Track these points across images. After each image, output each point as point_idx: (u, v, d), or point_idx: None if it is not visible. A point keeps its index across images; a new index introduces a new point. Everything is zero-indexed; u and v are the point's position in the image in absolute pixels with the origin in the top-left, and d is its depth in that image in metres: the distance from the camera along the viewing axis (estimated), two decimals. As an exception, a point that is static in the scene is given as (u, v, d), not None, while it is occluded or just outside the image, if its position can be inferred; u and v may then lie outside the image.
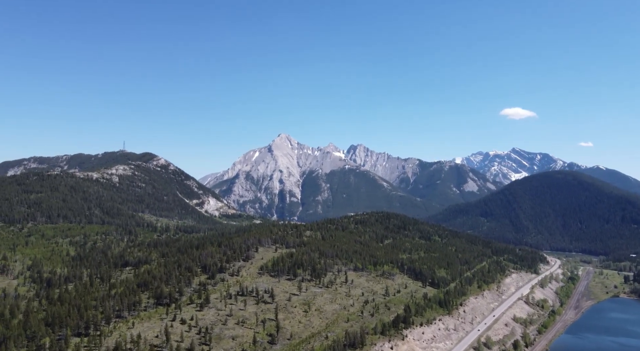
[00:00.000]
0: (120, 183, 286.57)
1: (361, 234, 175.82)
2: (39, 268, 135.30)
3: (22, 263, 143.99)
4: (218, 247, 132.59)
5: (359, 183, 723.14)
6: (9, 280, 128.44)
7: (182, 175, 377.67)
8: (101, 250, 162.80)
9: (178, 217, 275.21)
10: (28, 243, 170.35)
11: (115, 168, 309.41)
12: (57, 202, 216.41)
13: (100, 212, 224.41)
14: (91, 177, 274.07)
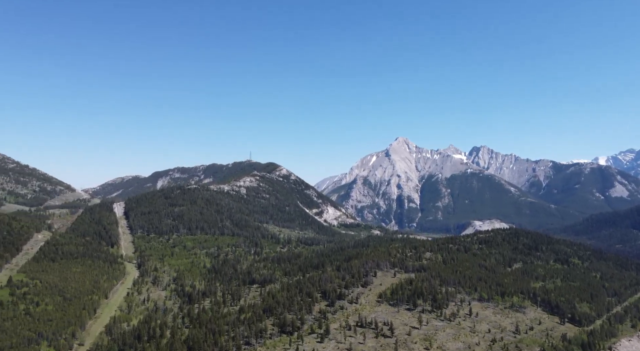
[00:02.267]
0: (247, 195, 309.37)
1: (486, 257, 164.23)
2: (182, 281, 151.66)
3: (169, 275, 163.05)
4: (337, 271, 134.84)
5: (483, 188, 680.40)
6: (159, 290, 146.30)
7: (302, 184, 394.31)
8: (231, 263, 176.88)
9: (299, 228, 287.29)
10: (173, 254, 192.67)
11: (243, 180, 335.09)
12: (195, 215, 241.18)
13: (231, 224, 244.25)
14: (223, 189, 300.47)
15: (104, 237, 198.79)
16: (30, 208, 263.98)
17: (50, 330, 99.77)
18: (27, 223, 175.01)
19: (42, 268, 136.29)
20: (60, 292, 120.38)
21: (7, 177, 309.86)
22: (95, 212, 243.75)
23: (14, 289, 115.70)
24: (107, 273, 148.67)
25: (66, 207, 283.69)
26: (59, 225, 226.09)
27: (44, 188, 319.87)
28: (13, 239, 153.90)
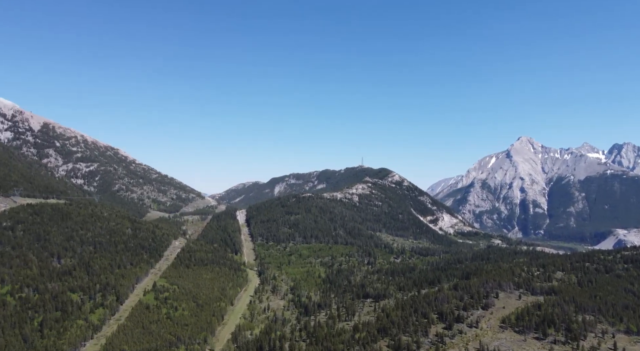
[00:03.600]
0: (360, 203, 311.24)
1: (633, 280, 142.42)
2: (298, 291, 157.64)
3: (287, 283, 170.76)
4: (454, 290, 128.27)
5: (628, 191, 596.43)
6: (278, 299, 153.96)
7: (415, 190, 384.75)
8: (345, 274, 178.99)
9: (413, 236, 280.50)
10: (290, 262, 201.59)
11: (355, 187, 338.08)
12: (310, 223, 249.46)
13: (344, 232, 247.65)
14: (336, 197, 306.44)
15: (229, 244, 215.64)
16: (169, 214, 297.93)
17: (187, 334, 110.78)
18: (167, 231, 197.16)
19: (179, 274, 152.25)
20: (194, 298, 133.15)
21: (151, 186, 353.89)
22: (221, 220, 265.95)
23: (158, 293, 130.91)
24: (232, 281, 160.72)
25: (197, 213, 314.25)
26: (191, 231, 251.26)
27: (180, 196, 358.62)
28: (156, 246, 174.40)
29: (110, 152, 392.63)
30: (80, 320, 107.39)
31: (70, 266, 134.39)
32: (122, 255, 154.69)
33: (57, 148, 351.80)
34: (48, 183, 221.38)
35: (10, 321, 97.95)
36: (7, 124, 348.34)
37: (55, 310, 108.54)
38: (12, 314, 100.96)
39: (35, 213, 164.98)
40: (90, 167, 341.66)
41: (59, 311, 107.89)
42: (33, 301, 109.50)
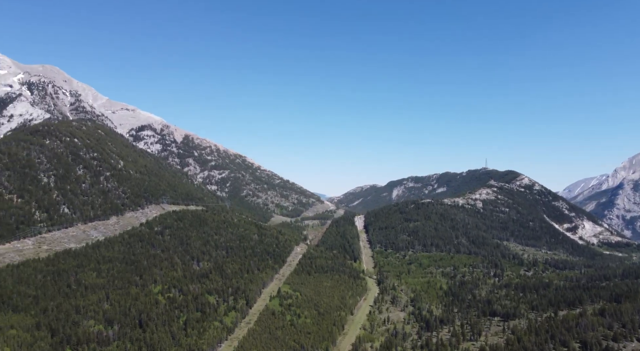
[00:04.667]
0: (484, 209, 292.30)
1: None
2: (419, 304, 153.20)
3: (406, 294, 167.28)
4: (600, 316, 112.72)
5: None
6: (397, 311, 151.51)
7: (548, 195, 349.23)
8: (469, 288, 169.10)
9: (546, 247, 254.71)
10: (409, 271, 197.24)
11: (479, 192, 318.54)
12: (430, 231, 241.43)
13: (467, 241, 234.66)
14: (457, 203, 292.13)
15: (348, 251, 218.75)
16: (290, 219, 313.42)
17: (309, 343, 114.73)
18: (289, 237, 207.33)
19: (301, 281, 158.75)
20: (315, 306, 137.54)
21: (275, 191, 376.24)
22: (340, 225, 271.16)
23: (282, 300, 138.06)
24: (351, 289, 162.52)
25: (317, 218, 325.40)
26: (312, 236, 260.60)
27: (300, 201, 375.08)
28: (280, 251, 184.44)
29: (239, 160, 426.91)
30: (216, 321, 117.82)
31: (207, 270, 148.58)
32: (250, 260, 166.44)
33: (196, 157, 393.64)
34: (188, 190, 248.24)
35: (162, 319, 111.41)
36: (157, 137, 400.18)
37: (196, 310, 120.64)
38: (163, 312, 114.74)
39: (179, 219, 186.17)
40: (222, 174, 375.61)
41: (199, 312, 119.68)
42: (178, 301, 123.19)
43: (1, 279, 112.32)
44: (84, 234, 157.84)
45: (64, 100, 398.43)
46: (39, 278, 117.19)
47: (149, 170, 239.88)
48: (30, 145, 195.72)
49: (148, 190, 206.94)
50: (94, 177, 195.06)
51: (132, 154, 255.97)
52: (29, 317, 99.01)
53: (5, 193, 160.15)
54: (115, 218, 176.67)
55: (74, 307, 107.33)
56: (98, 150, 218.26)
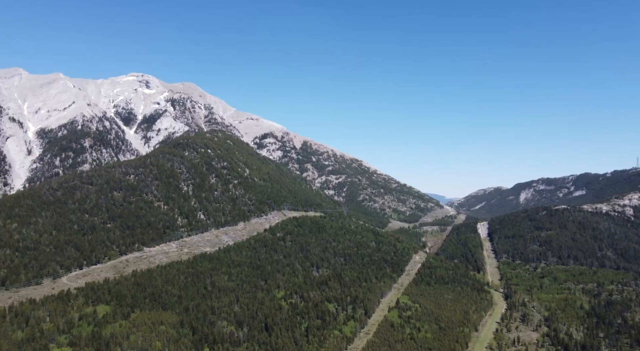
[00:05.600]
0: (635, 217, 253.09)
1: None
2: (555, 324, 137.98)
3: (539, 312, 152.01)
4: None
5: None
6: (529, 331, 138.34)
7: None
8: (619, 310, 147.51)
9: None
10: (542, 286, 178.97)
11: (628, 197, 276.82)
12: (566, 241, 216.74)
13: (614, 254, 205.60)
14: (600, 209, 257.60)
15: (470, 260, 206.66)
16: (408, 225, 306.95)
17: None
18: (407, 245, 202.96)
19: (420, 292, 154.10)
20: (436, 320, 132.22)
21: (392, 195, 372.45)
22: (461, 232, 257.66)
23: (401, 311, 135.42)
24: (475, 303, 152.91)
25: (436, 223, 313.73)
26: (431, 243, 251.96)
27: (418, 205, 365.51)
28: (398, 260, 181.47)
29: (355, 164, 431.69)
30: (336, 330, 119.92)
31: (326, 277, 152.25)
32: (368, 268, 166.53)
33: (314, 162, 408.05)
34: (307, 196, 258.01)
35: (285, 324, 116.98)
36: (278, 144, 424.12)
37: (317, 317, 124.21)
38: (286, 318, 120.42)
39: (299, 225, 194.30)
40: (339, 179, 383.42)
41: (319, 320, 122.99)
42: (300, 307, 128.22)
43: (153, 278, 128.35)
44: (216, 239, 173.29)
45: (199, 113, 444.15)
46: (182, 279, 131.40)
47: (271, 177, 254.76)
48: (173, 157, 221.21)
49: (271, 196, 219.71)
50: (224, 185, 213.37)
51: (256, 162, 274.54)
52: (175, 315, 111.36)
53: (155, 200, 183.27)
54: (242, 224, 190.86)
55: (210, 308, 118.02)
56: (227, 160, 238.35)
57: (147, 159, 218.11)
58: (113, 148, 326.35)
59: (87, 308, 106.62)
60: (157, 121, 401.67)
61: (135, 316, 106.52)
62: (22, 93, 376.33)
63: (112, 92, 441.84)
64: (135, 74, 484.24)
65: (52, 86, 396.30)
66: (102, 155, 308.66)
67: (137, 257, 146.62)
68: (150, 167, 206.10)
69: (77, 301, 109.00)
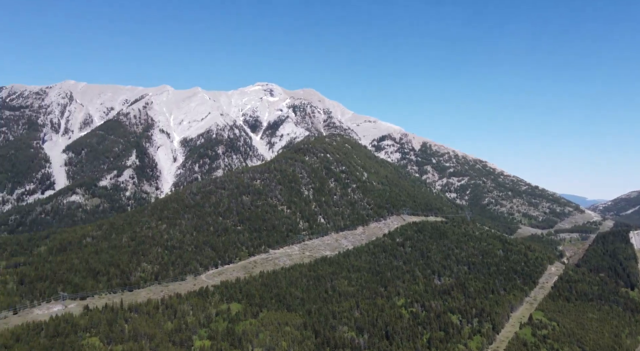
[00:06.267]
0: None
1: None
2: None
3: None
4: None
5: None
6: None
7: None
8: None
9: None
10: None
11: None
12: None
13: None
14: None
15: (621, 275, 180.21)
16: (541, 231, 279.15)
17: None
18: (540, 254, 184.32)
19: (558, 309, 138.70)
20: (578, 342, 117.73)
21: (521, 199, 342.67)
22: (608, 241, 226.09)
23: (535, 329, 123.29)
24: (629, 326, 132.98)
25: (575, 230, 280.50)
26: (569, 253, 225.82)
27: (553, 210, 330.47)
28: (530, 271, 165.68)
29: (479, 165, 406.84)
30: (460, 344, 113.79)
31: (449, 286, 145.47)
32: (495, 278, 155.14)
33: (434, 164, 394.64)
34: (427, 200, 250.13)
35: (406, 333, 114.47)
36: (396, 146, 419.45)
37: (439, 329, 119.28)
38: (407, 327, 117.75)
39: (419, 230, 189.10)
40: (461, 181, 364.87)
41: (442, 332, 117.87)
42: (421, 317, 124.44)
43: (278, 280, 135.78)
44: (336, 243, 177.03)
45: (318, 117, 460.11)
46: (304, 282, 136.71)
47: (390, 180, 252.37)
48: (295, 162, 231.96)
49: (389, 200, 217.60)
50: (343, 189, 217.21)
51: (374, 165, 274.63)
52: (298, 317, 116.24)
53: (279, 204, 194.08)
54: (361, 228, 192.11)
55: (331, 312, 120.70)
56: (346, 163, 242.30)
57: (271, 165, 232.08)
58: (242, 154, 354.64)
59: (222, 305, 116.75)
60: (280, 127, 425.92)
61: (263, 316, 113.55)
62: (169, 107, 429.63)
63: (240, 102, 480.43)
64: (261, 84, 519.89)
65: (192, 99, 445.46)
66: (232, 161, 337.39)
67: (263, 258, 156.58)
68: (274, 172, 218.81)
69: (214, 298, 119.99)
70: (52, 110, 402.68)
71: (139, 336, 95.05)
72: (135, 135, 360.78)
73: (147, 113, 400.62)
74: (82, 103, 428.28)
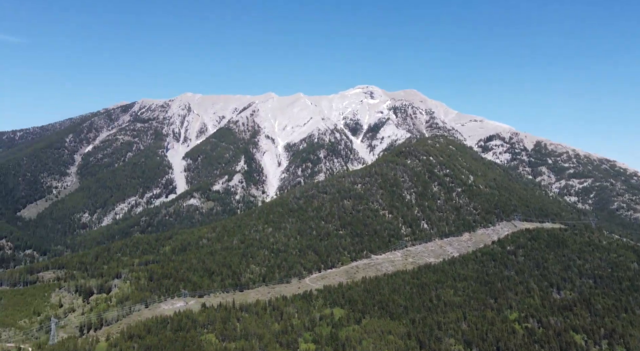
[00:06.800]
0: None
1: None
2: None
3: None
4: None
5: None
6: None
7: None
8: None
9: None
10: None
11: None
12: None
13: None
14: None
15: None
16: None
17: None
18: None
19: None
20: None
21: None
22: None
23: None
24: None
25: None
26: None
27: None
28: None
29: (606, 165, 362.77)
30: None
31: (570, 301, 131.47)
32: (629, 295, 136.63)
33: (549, 165, 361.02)
34: (542, 205, 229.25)
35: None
36: (505, 146, 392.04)
37: (560, 349, 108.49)
38: (521, 344, 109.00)
39: (532, 238, 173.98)
40: (583, 183, 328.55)
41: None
42: (538, 334, 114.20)
43: (380, 286, 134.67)
44: (440, 249, 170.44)
45: (420, 119, 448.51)
46: (407, 290, 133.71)
47: (498, 183, 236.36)
48: (396, 166, 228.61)
49: (498, 205, 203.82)
50: (447, 194, 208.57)
51: (481, 168, 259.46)
52: (402, 326, 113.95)
53: (380, 209, 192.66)
54: (467, 234, 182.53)
55: (436, 322, 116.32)
56: (450, 167, 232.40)
57: (372, 168, 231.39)
58: (343, 158, 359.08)
59: (325, 309, 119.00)
60: (380, 129, 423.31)
61: (366, 323, 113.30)
62: (274, 113, 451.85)
63: (341, 105, 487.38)
64: (361, 86, 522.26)
65: (294, 105, 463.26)
66: (333, 165, 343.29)
67: (365, 263, 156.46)
68: (375, 176, 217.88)
69: (318, 301, 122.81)
70: (173, 121, 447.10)
71: (249, 336, 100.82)
72: (243, 141, 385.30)
73: (253, 120, 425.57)
74: (198, 113, 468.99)
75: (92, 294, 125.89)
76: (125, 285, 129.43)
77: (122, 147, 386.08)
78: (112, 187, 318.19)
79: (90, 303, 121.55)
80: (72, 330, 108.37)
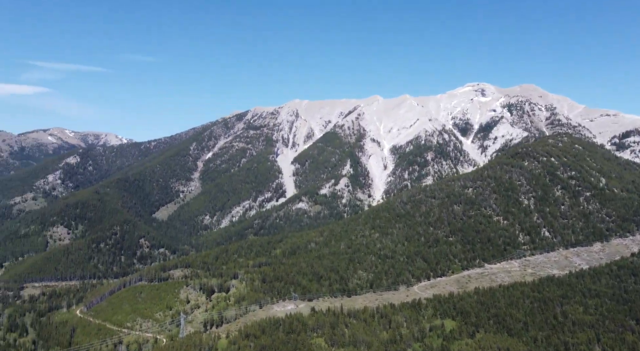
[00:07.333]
0: None
1: None
2: None
3: None
4: None
5: None
6: None
7: None
8: None
9: None
10: None
11: None
12: None
13: None
14: None
15: None
16: None
17: None
18: None
19: None
20: None
21: None
22: None
23: None
24: None
25: None
26: None
27: None
28: None
29: None
30: None
31: None
32: None
33: None
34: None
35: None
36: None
37: None
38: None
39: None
40: None
41: None
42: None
43: (496, 298, 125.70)
44: (565, 260, 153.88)
45: (539, 116, 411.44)
46: (527, 304, 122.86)
47: (638, 186, 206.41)
48: (511, 168, 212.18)
49: (638, 211, 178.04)
50: (572, 198, 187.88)
51: (615, 168, 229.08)
52: (522, 344, 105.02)
53: (494, 215, 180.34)
54: (599, 244, 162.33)
55: (563, 343, 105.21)
56: (576, 168, 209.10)
57: (484, 171, 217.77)
58: (452, 160, 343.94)
59: (435, 320, 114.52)
60: (493, 129, 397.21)
61: (480, 337, 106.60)
62: (379, 116, 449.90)
63: (449, 105, 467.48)
64: (471, 84, 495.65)
65: (400, 107, 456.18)
66: (442, 167, 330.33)
67: (478, 273, 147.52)
68: (487, 179, 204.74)
69: (427, 311, 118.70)
70: (282, 127, 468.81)
71: (357, 342, 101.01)
72: (349, 145, 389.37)
73: (359, 123, 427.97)
74: (305, 119, 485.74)
75: (213, 292, 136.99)
76: (241, 285, 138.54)
77: (237, 153, 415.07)
78: (229, 191, 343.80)
79: (212, 301, 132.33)
80: (197, 325, 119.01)
